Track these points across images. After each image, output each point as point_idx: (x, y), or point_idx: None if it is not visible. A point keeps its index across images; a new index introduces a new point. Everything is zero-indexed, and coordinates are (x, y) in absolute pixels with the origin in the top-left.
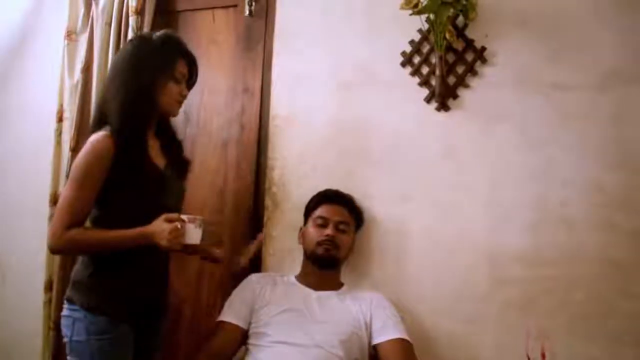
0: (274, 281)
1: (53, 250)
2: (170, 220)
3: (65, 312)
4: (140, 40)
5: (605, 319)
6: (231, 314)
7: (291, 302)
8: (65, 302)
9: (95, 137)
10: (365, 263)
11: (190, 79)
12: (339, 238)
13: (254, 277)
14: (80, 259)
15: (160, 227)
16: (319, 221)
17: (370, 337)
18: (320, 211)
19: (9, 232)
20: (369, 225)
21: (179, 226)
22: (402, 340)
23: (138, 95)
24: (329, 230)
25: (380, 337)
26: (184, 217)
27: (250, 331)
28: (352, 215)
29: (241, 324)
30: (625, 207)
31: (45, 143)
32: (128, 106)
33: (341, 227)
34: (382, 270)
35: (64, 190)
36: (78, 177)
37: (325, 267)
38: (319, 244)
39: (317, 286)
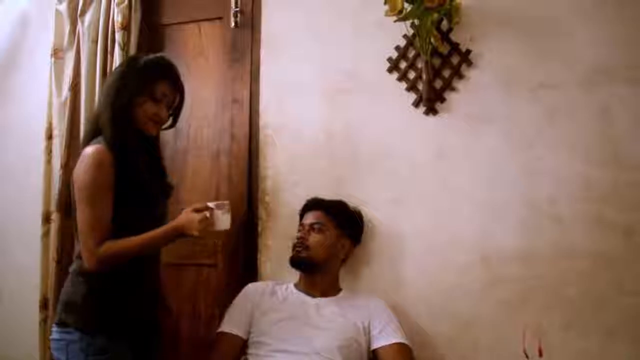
0: (273, 289)
1: (95, 270)
2: (198, 210)
3: (55, 335)
4: (129, 60)
5: (598, 314)
6: (231, 324)
7: (290, 310)
8: (55, 325)
9: (91, 149)
10: (361, 268)
11: (174, 102)
12: (309, 239)
13: (252, 286)
14: (68, 279)
15: (189, 217)
16: (299, 228)
17: (369, 342)
18: (302, 220)
19: (2, 250)
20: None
21: (207, 215)
22: (402, 344)
23: (120, 111)
24: (299, 234)
25: (379, 342)
26: (210, 204)
27: (250, 340)
28: (330, 216)
29: (241, 333)
30: (614, 202)
31: (35, 161)
32: (114, 121)
33: (315, 226)
34: (378, 274)
35: (80, 210)
36: (90, 193)
37: (302, 269)
38: (292, 248)
39: (316, 293)
